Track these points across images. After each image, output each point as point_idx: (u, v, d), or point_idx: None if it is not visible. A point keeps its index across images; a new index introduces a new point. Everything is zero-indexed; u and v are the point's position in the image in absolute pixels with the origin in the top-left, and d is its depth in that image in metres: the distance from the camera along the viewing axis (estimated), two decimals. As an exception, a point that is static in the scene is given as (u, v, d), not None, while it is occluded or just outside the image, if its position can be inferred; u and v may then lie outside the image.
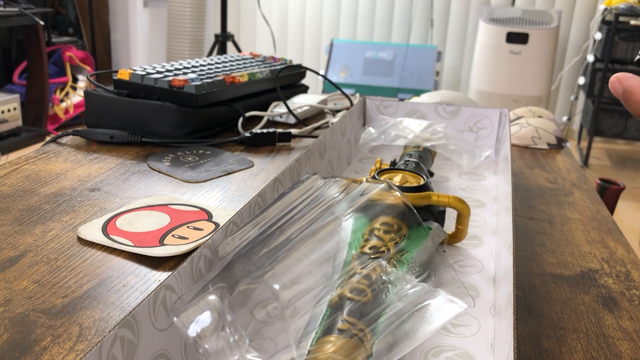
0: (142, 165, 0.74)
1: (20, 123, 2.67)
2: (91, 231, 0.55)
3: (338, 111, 1.04)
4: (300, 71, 1.08)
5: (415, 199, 0.55)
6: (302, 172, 0.61)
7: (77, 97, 3.15)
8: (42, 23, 2.77)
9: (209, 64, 0.98)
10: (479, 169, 0.81)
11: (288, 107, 0.93)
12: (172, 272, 0.37)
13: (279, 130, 0.84)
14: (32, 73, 2.87)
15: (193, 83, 0.83)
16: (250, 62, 1.04)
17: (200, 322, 0.34)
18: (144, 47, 3.63)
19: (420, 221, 0.43)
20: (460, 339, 0.44)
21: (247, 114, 0.91)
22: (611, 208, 1.02)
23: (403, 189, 0.56)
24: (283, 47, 3.69)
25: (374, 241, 0.41)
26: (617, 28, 2.78)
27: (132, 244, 0.52)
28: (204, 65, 0.97)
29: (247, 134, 0.83)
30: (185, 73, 0.89)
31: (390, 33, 3.50)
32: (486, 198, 0.71)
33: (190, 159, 0.76)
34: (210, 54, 3.03)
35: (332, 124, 0.74)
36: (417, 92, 2.98)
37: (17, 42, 3.14)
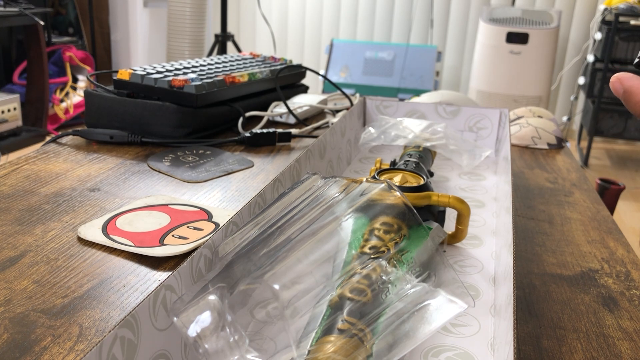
0: (142, 165, 0.74)
1: (20, 123, 2.67)
2: (91, 231, 0.55)
3: (338, 111, 1.04)
4: (300, 71, 1.08)
5: (415, 199, 0.55)
6: (302, 172, 0.61)
7: (77, 97, 3.15)
8: (42, 23, 2.77)
9: (209, 64, 0.98)
10: (479, 169, 0.81)
11: (288, 107, 0.93)
12: (172, 272, 0.37)
13: (279, 130, 0.84)
14: (32, 73, 2.87)
15: (193, 83, 0.83)
16: (250, 62, 1.04)
17: (200, 322, 0.34)
18: (144, 47, 3.63)
19: (420, 221, 0.43)
20: (460, 339, 0.44)
21: (247, 114, 0.91)
22: (611, 208, 1.02)
23: (403, 189, 0.56)
24: (283, 47, 3.69)
25: (374, 241, 0.41)
26: (617, 28, 2.78)
27: (132, 244, 0.52)
28: (204, 65, 0.97)
29: (247, 134, 0.83)
30: (185, 73, 0.89)
31: (390, 33, 3.50)
32: (486, 198, 0.71)
33: (190, 159, 0.76)
34: (210, 54, 3.03)
35: (332, 124, 0.74)
36: (417, 92, 2.98)
37: (17, 42, 3.14)
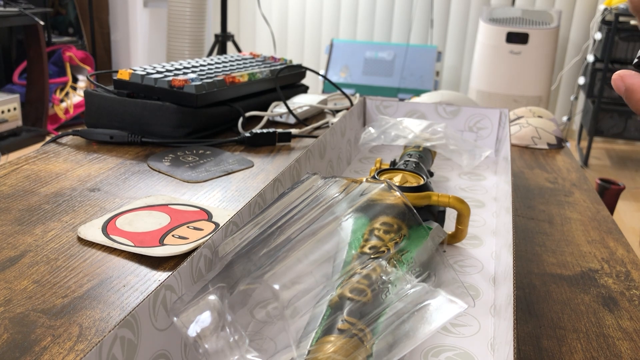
0: (142, 165, 0.74)
1: (20, 123, 2.67)
2: (91, 231, 0.55)
3: (338, 111, 1.04)
4: (300, 71, 1.08)
5: (415, 199, 0.55)
6: (302, 172, 0.61)
7: (77, 97, 3.15)
8: (42, 23, 2.77)
9: (209, 64, 0.98)
10: (479, 169, 0.81)
11: (288, 107, 0.93)
12: (172, 272, 0.37)
13: (279, 130, 0.84)
14: (32, 73, 2.87)
15: (193, 83, 0.83)
16: (250, 62, 1.04)
17: (200, 322, 0.34)
18: (144, 47, 3.63)
19: (420, 221, 0.43)
20: (460, 339, 0.44)
21: (247, 114, 0.91)
22: (611, 208, 1.02)
23: (403, 189, 0.56)
24: (283, 47, 3.69)
25: (374, 241, 0.41)
26: (617, 28, 2.78)
27: (132, 244, 0.52)
28: (204, 65, 0.97)
29: (247, 134, 0.83)
30: (185, 73, 0.89)
31: (390, 33, 3.50)
32: (486, 198, 0.71)
33: (190, 159, 0.76)
34: (210, 54, 3.03)
35: (332, 124, 0.74)
36: (417, 92, 2.98)
37: (17, 42, 3.14)
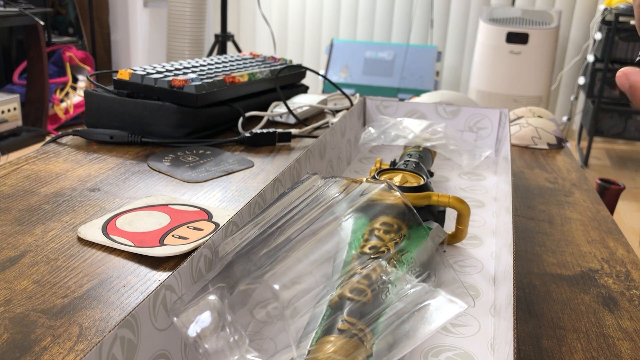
0: (142, 165, 0.74)
1: (20, 123, 2.67)
2: (91, 231, 0.55)
3: (338, 111, 1.04)
4: (300, 71, 1.08)
5: (415, 199, 0.55)
6: (302, 172, 0.61)
7: (77, 97, 3.15)
8: (42, 23, 2.77)
9: (209, 64, 0.98)
10: (479, 169, 0.81)
11: (288, 107, 0.93)
12: (172, 272, 0.37)
13: (279, 130, 0.84)
14: (32, 73, 2.87)
15: (193, 83, 0.83)
16: (250, 62, 1.04)
17: (200, 322, 0.34)
18: (144, 47, 3.63)
19: (420, 221, 0.43)
20: (460, 339, 0.44)
21: (247, 114, 0.91)
22: (611, 208, 1.02)
23: (403, 189, 0.56)
24: (283, 47, 3.69)
25: (374, 241, 0.41)
26: (617, 28, 2.78)
27: (132, 244, 0.52)
28: (204, 65, 0.97)
29: (247, 134, 0.83)
30: (185, 73, 0.89)
31: (390, 33, 3.50)
32: (486, 198, 0.71)
33: (190, 159, 0.76)
34: (210, 54, 3.03)
35: (332, 124, 0.74)
36: (417, 92, 2.98)
37: (17, 42, 3.14)
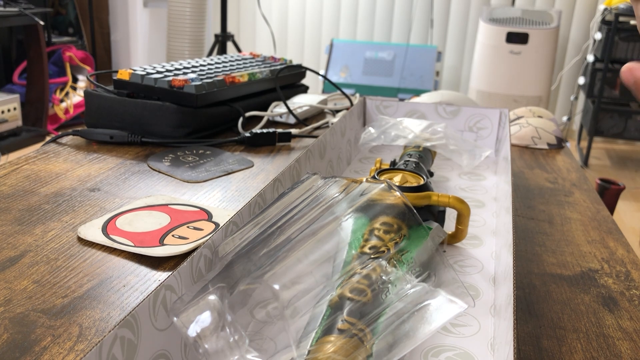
0: (142, 165, 0.74)
1: (20, 123, 2.67)
2: (91, 231, 0.55)
3: (338, 111, 1.04)
4: (300, 71, 1.08)
5: (415, 199, 0.55)
6: (302, 172, 0.61)
7: (77, 97, 3.15)
8: (42, 23, 2.77)
9: (209, 64, 0.98)
10: (479, 169, 0.81)
11: (288, 107, 0.93)
12: (172, 272, 0.37)
13: (279, 130, 0.84)
14: (32, 73, 2.87)
15: (193, 83, 0.83)
16: (250, 62, 1.04)
17: (200, 322, 0.34)
18: (144, 47, 3.63)
19: (420, 221, 0.43)
20: (460, 339, 0.44)
21: (247, 114, 0.91)
22: (611, 208, 1.02)
23: (403, 189, 0.56)
24: (283, 47, 3.69)
25: (374, 241, 0.41)
26: (617, 28, 2.78)
27: (132, 244, 0.52)
28: (204, 65, 0.97)
29: (247, 134, 0.83)
30: (185, 73, 0.89)
31: (390, 33, 3.50)
32: (486, 198, 0.71)
33: (190, 159, 0.76)
34: (210, 54, 3.03)
35: (332, 124, 0.74)
36: (417, 92, 2.98)
37: (17, 42, 3.14)
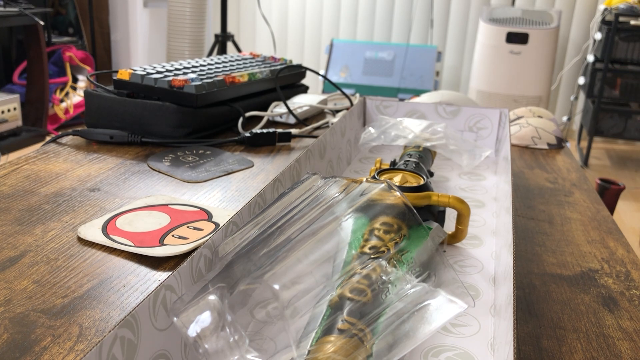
0: (142, 165, 0.74)
1: (20, 123, 2.67)
2: (91, 231, 0.55)
3: (338, 111, 1.04)
4: (300, 71, 1.08)
5: (415, 199, 0.55)
6: (302, 172, 0.61)
7: (77, 97, 3.15)
8: (42, 23, 2.77)
9: (209, 64, 0.98)
10: (479, 169, 0.81)
11: (288, 107, 0.93)
12: (172, 272, 0.37)
13: (279, 130, 0.84)
14: (32, 73, 2.87)
15: (193, 83, 0.83)
16: (250, 62, 1.04)
17: (200, 322, 0.34)
18: (144, 47, 3.63)
19: (420, 221, 0.43)
20: (460, 339, 0.44)
21: (247, 114, 0.91)
22: (611, 208, 1.02)
23: (403, 189, 0.56)
24: (283, 47, 3.69)
25: (374, 241, 0.41)
26: (617, 28, 2.78)
27: (132, 244, 0.52)
28: (204, 65, 0.97)
29: (247, 134, 0.83)
30: (185, 73, 0.89)
31: (390, 33, 3.50)
32: (486, 198, 0.71)
33: (190, 159, 0.76)
34: (210, 54, 3.03)
35: (332, 124, 0.74)
36: (417, 92, 2.98)
37: (17, 42, 3.14)
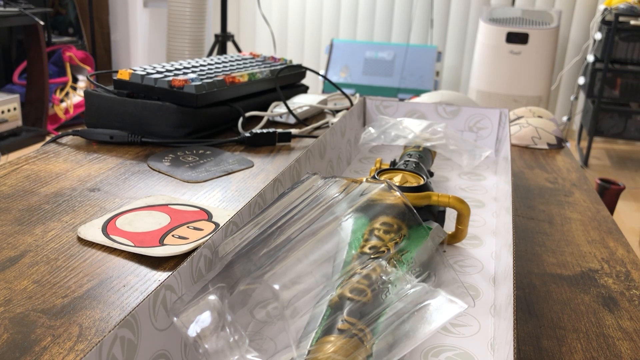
0: (142, 165, 0.74)
1: (20, 123, 2.67)
2: (91, 231, 0.55)
3: (338, 111, 1.04)
4: (300, 71, 1.08)
5: (415, 199, 0.55)
6: (302, 172, 0.61)
7: (77, 97, 3.15)
8: (42, 23, 2.77)
9: (209, 64, 0.98)
10: (479, 169, 0.81)
11: (288, 107, 0.93)
12: (172, 272, 0.37)
13: (279, 130, 0.84)
14: (32, 73, 2.87)
15: (193, 83, 0.83)
16: (250, 62, 1.04)
17: (200, 322, 0.34)
18: (144, 47, 3.63)
19: (420, 221, 0.43)
20: (460, 339, 0.44)
21: (247, 114, 0.91)
22: (611, 208, 1.02)
23: (403, 189, 0.56)
24: (283, 47, 3.69)
25: (374, 241, 0.41)
26: (617, 28, 2.78)
27: (132, 244, 0.52)
28: (204, 65, 0.97)
29: (247, 134, 0.83)
30: (185, 73, 0.89)
31: (390, 33, 3.50)
32: (486, 198, 0.71)
33: (190, 159, 0.76)
34: (210, 54, 3.03)
35: (332, 124, 0.74)
36: (417, 92, 2.98)
37: (17, 42, 3.14)
